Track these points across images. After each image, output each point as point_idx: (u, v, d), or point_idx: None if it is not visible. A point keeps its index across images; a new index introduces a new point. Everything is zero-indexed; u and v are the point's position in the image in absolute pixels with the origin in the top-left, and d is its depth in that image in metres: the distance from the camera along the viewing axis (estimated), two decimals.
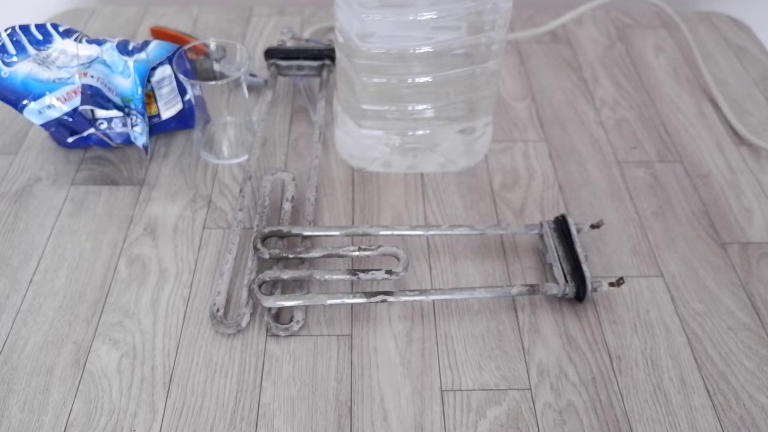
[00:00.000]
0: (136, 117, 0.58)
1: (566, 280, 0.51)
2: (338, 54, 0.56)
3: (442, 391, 0.46)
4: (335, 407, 0.45)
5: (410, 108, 0.56)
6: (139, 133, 0.58)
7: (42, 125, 0.58)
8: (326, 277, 0.50)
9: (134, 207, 0.58)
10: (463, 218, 0.58)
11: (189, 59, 0.60)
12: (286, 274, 0.50)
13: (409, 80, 0.54)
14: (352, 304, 0.51)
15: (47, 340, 0.49)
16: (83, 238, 0.56)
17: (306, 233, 0.54)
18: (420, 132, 0.58)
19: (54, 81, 0.58)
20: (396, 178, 0.62)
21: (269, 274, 0.50)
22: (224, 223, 0.57)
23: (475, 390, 0.46)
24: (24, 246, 0.55)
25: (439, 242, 0.56)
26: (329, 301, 0.49)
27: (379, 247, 0.52)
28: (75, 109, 0.58)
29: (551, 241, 0.53)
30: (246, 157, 0.62)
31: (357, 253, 0.52)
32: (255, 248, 0.52)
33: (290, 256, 0.52)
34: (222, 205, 0.59)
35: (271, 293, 0.51)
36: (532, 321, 0.51)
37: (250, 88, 0.68)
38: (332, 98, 0.66)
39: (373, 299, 0.49)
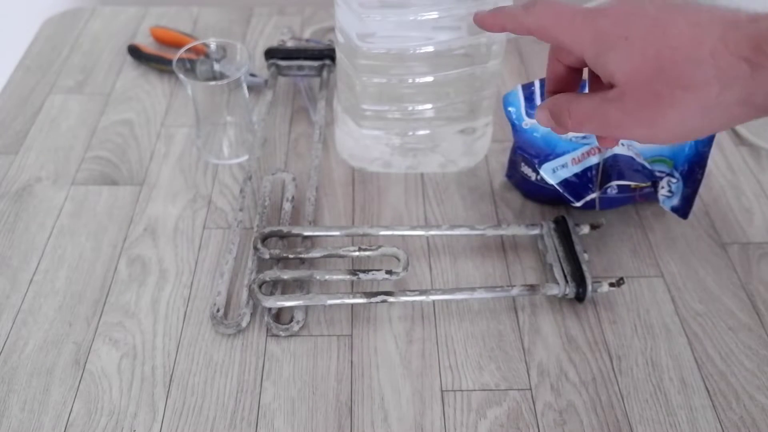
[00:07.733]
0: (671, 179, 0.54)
1: (566, 281, 0.50)
2: (338, 54, 0.56)
3: (442, 391, 0.46)
4: (335, 407, 0.45)
5: (410, 108, 0.56)
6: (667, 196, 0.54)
7: (556, 184, 0.53)
8: (326, 277, 0.50)
9: (134, 207, 0.58)
10: (463, 218, 0.58)
11: (189, 59, 0.60)
12: (286, 274, 0.50)
13: (410, 80, 0.54)
14: (352, 305, 0.51)
15: (47, 340, 0.49)
16: (83, 238, 0.56)
17: (306, 233, 0.54)
18: (420, 132, 0.58)
19: (571, 140, 0.54)
20: (396, 178, 0.61)
21: (269, 274, 0.50)
22: (224, 223, 0.57)
23: (475, 390, 0.46)
24: (24, 246, 0.55)
25: (439, 242, 0.56)
26: (329, 301, 0.49)
27: (379, 247, 0.52)
28: (584, 171, 0.53)
29: (551, 242, 0.53)
30: (246, 157, 0.62)
31: (357, 253, 0.52)
32: (255, 248, 0.52)
33: (290, 256, 0.52)
34: (222, 205, 0.59)
35: (271, 293, 0.51)
36: (533, 321, 0.51)
37: (250, 88, 0.68)
38: (332, 98, 0.66)
39: (373, 299, 0.49)
